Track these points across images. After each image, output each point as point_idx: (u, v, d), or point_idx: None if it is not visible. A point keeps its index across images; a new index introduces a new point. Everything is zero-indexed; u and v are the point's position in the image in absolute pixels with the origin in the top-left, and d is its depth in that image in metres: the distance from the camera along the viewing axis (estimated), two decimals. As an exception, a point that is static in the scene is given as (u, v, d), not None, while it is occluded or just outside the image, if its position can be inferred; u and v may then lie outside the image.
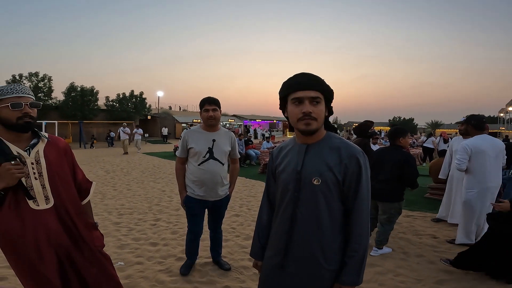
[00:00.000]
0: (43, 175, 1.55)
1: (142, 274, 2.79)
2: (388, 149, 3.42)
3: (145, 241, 3.63)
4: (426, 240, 3.81)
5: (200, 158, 2.55)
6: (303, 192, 1.25)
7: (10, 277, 2.57)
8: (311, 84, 1.19)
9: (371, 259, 3.22)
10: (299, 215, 1.26)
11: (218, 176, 2.58)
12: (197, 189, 2.59)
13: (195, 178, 2.58)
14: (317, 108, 1.19)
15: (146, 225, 4.20)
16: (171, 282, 2.66)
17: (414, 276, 2.88)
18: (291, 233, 1.28)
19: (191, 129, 2.67)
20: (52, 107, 23.91)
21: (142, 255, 3.21)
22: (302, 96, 1.19)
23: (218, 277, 2.77)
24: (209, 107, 2.52)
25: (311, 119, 1.18)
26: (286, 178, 1.30)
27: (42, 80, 24.02)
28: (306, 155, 1.26)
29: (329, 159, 1.21)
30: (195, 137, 2.59)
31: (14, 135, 1.52)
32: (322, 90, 1.20)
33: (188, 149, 2.60)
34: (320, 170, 1.21)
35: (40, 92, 23.72)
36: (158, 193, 6.26)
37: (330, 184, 1.21)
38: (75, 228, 1.63)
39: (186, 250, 2.88)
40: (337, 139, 1.26)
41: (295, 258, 1.28)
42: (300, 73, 1.24)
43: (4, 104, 1.45)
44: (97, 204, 5.17)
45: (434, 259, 3.24)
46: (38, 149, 1.56)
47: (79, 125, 20.07)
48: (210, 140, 2.57)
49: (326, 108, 1.25)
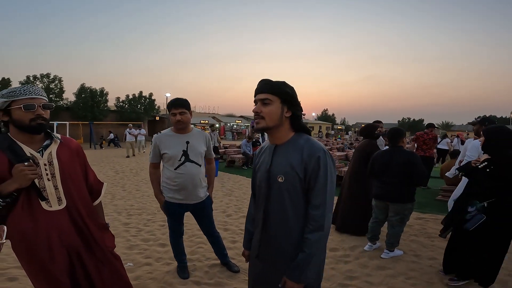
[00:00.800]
0: (55, 176, 1.55)
1: (150, 276, 2.79)
2: (392, 150, 3.36)
3: (154, 242, 3.64)
4: (439, 243, 3.73)
5: (175, 162, 2.48)
6: (272, 189, 1.37)
7: (21, 277, 2.59)
8: (263, 88, 1.34)
9: (382, 261, 3.17)
10: (270, 210, 1.39)
11: (196, 178, 2.53)
12: (177, 194, 2.53)
13: (174, 183, 2.51)
14: (266, 108, 1.33)
15: (155, 226, 4.22)
16: (179, 284, 2.66)
17: (426, 279, 2.83)
18: (265, 226, 1.42)
19: (162, 133, 2.58)
20: (63, 108, 24.32)
21: (151, 256, 3.22)
22: (256, 99, 1.36)
23: (226, 279, 2.76)
24: (176, 110, 2.43)
25: (259, 118, 1.34)
26: (259, 176, 1.45)
27: (53, 81, 24.48)
28: (274, 155, 1.39)
29: (293, 159, 1.32)
30: (167, 141, 2.50)
31: (27, 137, 1.52)
32: (273, 93, 1.32)
33: (161, 155, 2.53)
34: (284, 169, 1.33)
35: (51, 93, 24.17)
36: (166, 194, 6.29)
37: (293, 181, 1.31)
38: (86, 229, 1.64)
39: (174, 253, 2.83)
40: (302, 140, 1.36)
41: (268, 249, 1.42)
42: (261, 79, 1.38)
43: (17, 105, 1.45)
44: (107, 205, 5.22)
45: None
46: (51, 150, 1.56)
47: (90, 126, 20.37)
48: (183, 143, 2.50)
49: (289, 109, 1.36)
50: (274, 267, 1.41)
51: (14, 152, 1.45)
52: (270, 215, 1.40)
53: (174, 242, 2.80)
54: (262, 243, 1.44)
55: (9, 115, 1.47)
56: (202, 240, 3.68)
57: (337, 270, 2.97)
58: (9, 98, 1.44)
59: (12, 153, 1.45)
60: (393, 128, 3.53)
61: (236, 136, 34.68)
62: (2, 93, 1.47)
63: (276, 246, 1.39)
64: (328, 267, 3.02)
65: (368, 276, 2.86)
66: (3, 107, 1.46)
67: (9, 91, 1.45)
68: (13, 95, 1.44)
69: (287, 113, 1.36)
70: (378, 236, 3.51)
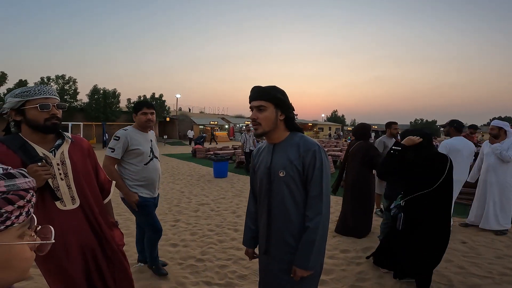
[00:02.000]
0: (68, 175, 1.56)
1: (162, 275, 2.80)
2: None
3: (165, 241, 3.66)
4: (454, 245, 3.64)
5: (146, 158, 2.57)
6: (273, 185, 1.47)
7: (36, 277, 2.64)
8: (256, 96, 1.45)
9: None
10: (273, 206, 1.49)
11: (160, 172, 2.74)
12: (146, 189, 2.59)
13: (143, 179, 2.56)
14: (261, 114, 1.44)
15: (167, 226, 4.25)
16: (191, 284, 2.67)
17: (444, 281, 2.77)
18: (270, 222, 1.51)
19: (128, 130, 2.58)
20: (77, 109, 24.87)
21: (163, 256, 3.24)
22: (251, 106, 1.48)
23: (237, 280, 2.75)
24: (148, 110, 2.60)
25: (256, 124, 1.46)
26: (260, 174, 1.54)
27: (68, 82, 25.06)
28: (273, 153, 1.50)
29: (291, 154, 1.44)
30: (137, 138, 2.56)
31: (40, 137, 1.51)
32: (267, 99, 1.43)
33: (130, 150, 2.51)
34: (284, 164, 1.44)
35: (66, 94, 24.75)
36: (177, 194, 6.34)
37: (293, 175, 1.43)
38: (99, 227, 1.65)
39: (153, 253, 2.76)
40: (297, 138, 1.49)
41: (274, 244, 1.50)
42: (253, 87, 1.48)
43: (32, 105, 1.43)
44: (119, 204, 5.27)
45: (463, 264, 3.12)
46: (63, 150, 1.56)
47: (102, 126, 20.74)
48: (149, 141, 2.66)
49: (282, 113, 1.47)
50: (281, 261, 1.49)
51: (26, 153, 1.45)
52: (272, 209, 1.49)
53: (155, 245, 2.77)
54: (269, 238, 1.52)
55: (23, 114, 1.45)
56: (213, 241, 3.69)
57: (349, 272, 2.93)
58: (24, 97, 1.42)
59: (25, 154, 1.44)
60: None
61: (246, 137, 34.65)
62: (16, 92, 1.45)
63: (280, 239, 1.47)
64: (339, 269, 2.98)
65: (380, 278, 2.81)
66: (16, 107, 1.44)
67: (23, 91, 1.44)
68: (27, 94, 1.43)
69: (281, 116, 1.47)
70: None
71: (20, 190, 0.57)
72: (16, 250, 0.57)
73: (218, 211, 5.04)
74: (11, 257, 0.56)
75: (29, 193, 0.60)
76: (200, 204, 5.52)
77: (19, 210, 0.57)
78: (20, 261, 0.57)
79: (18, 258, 0.57)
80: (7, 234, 0.56)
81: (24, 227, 0.60)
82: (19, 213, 0.57)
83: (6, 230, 0.55)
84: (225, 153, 12.11)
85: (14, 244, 0.56)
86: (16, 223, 0.56)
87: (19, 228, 0.58)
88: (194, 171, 9.99)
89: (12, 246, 0.56)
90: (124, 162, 2.55)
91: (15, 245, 0.57)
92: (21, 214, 0.57)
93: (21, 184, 0.58)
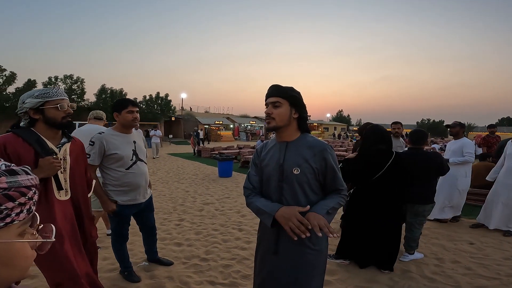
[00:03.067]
0: (66, 170, 1.78)
1: (166, 275, 2.82)
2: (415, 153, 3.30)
3: (170, 241, 3.68)
4: (462, 246, 3.60)
5: (127, 162, 2.44)
6: (285, 181, 1.50)
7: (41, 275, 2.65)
8: (274, 92, 1.52)
9: (403, 264, 3.07)
10: (284, 203, 1.49)
11: (147, 175, 2.63)
12: (128, 195, 2.48)
13: (125, 184, 2.44)
14: (276, 110, 1.50)
15: (171, 225, 4.26)
16: (194, 283, 2.67)
17: (451, 283, 2.74)
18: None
19: (105, 133, 2.42)
20: (85, 108, 25.09)
21: (167, 255, 3.25)
22: (267, 102, 1.53)
23: (241, 279, 2.75)
24: (133, 108, 2.46)
25: (270, 119, 1.51)
26: (270, 171, 1.55)
27: (75, 82, 25.31)
28: (286, 151, 1.53)
29: (305, 153, 1.50)
30: (115, 141, 2.41)
31: (53, 133, 1.72)
32: (283, 96, 1.50)
33: (107, 156, 2.38)
34: (299, 162, 1.49)
35: (73, 94, 25.00)
36: (182, 194, 6.36)
37: (307, 173, 1.48)
38: (81, 218, 1.88)
39: (121, 259, 2.71)
40: (310, 138, 1.56)
41: (285, 244, 1.50)
42: (271, 85, 1.54)
43: (52, 105, 1.66)
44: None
45: (470, 265, 3.08)
46: (66, 147, 1.78)
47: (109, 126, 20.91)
48: (131, 143, 2.50)
49: (296, 111, 1.53)
50: (293, 261, 1.49)
51: (41, 145, 1.64)
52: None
53: (121, 247, 2.68)
54: (279, 237, 1.52)
55: (42, 113, 1.65)
56: (217, 240, 3.69)
57: (355, 273, 2.90)
58: (44, 98, 1.64)
59: (40, 146, 1.63)
60: (417, 130, 3.48)
61: (250, 136, 34.66)
62: (35, 94, 1.64)
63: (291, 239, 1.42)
64: (344, 270, 2.96)
65: (389, 280, 2.78)
66: (36, 106, 1.63)
67: (43, 92, 1.65)
68: (47, 96, 1.64)
69: (295, 114, 1.53)
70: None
71: (21, 187, 0.57)
72: (16, 248, 0.56)
73: (223, 211, 5.05)
74: (11, 255, 0.55)
75: (31, 191, 0.59)
76: (204, 203, 5.53)
77: (20, 207, 0.56)
78: (20, 260, 0.57)
79: (18, 256, 0.56)
80: (7, 232, 0.55)
81: (25, 225, 0.59)
82: (19, 210, 0.56)
83: (6, 227, 0.54)
84: (230, 152, 12.11)
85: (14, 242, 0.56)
86: (16, 220, 0.56)
87: (20, 226, 0.57)
88: (199, 170, 10.01)
89: (12, 244, 0.55)
90: (105, 167, 2.43)
91: (15, 243, 0.56)
92: (22, 211, 0.56)
93: (23, 181, 0.57)
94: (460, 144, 4.34)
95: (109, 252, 3.21)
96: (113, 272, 2.81)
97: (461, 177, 4.32)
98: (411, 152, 3.31)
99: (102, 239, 3.64)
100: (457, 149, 4.33)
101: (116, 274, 2.76)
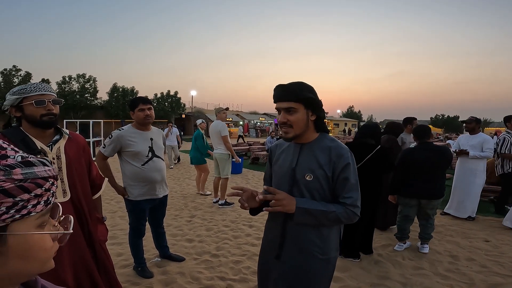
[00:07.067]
0: (62, 170, 1.64)
1: (178, 270, 2.86)
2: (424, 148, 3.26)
3: (182, 237, 3.72)
4: (477, 243, 3.52)
5: (143, 158, 2.51)
6: (296, 187, 1.36)
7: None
8: (283, 96, 1.31)
9: (417, 262, 3.04)
10: None
11: (163, 172, 2.66)
12: (145, 190, 2.55)
13: (141, 179, 2.52)
14: (292, 116, 1.31)
15: (182, 222, 4.31)
16: (205, 279, 2.70)
17: (464, 280, 2.69)
18: (285, 226, 1.39)
19: (124, 129, 2.53)
20: (97, 107, 25.53)
21: (179, 251, 3.29)
22: (278, 107, 1.35)
23: (251, 275, 2.76)
24: (145, 106, 2.50)
25: (287, 127, 1.33)
26: (280, 174, 1.43)
27: (88, 81, 25.75)
28: (300, 154, 1.38)
29: (320, 158, 1.33)
30: (132, 138, 2.50)
31: (39, 131, 1.59)
32: (297, 100, 1.29)
33: (124, 151, 2.50)
34: (312, 167, 1.33)
35: (86, 92, 25.44)
36: (193, 190, 6.42)
37: (321, 180, 1.32)
38: (86, 221, 1.72)
39: (136, 253, 2.76)
40: (328, 140, 1.38)
41: (290, 250, 1.38)
42: (277, 85, 1.34)
43: (29, 101, 1.52)
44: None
45: (485, 263, 3.03)
46: (59, 145, 1.65)
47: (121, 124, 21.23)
48: (148, 139, 2.56)
49: (313, 113, 1.35)
50: (299, 266, 1.36)
51: (26, 145, 1.52)
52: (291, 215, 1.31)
53: (137, 242, 2.75)
54: (283, 242, 1.39)
55: (22, 111, 1.54)
56: (228, 236, 3.72)
57: (368, 270, 2.88)
58: (21, 95, 1.52)
59: (25, 146, 1.52)
60: (420, 125, 3.47)
61: (260, 133, 34.61)
62: (14, 90, 1.55)
63: (296, 246, 1.36)
64: (358, 267, 2.94)
65: (401, 277, 2.75)
66: (15, 104, 1.54)
67: (20, 89, 1.53)
68: (24, 92, 1.52)
69: (312, 116, 1.36)
70: (408, 235, 3.40)
71: (38, 178, 0.55)
72: (34, 240, 0.55)
73: (233, 207, 5.07)
74: (29, 247, 0.54)
75: (48, 182, 0.57)
76: (215, 200, 5.57)
77: (36, 199, 0.55)
78: (39, 251, 0.56)
79: (37, 249, 0.55)
80: (24, 224, 0.54)
81: (44, 217, 0.57)
82: (36, 201, 0.55)
83: (22, 219, 0.53)
84: (240, 149, 12.12)
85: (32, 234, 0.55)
86: (33, 212, 0.54)
87: (38, 217, 0.56)
88: (210, 167, 10.05)
89: (30, 236, 0.54)
90: (124, 160, 2.55)
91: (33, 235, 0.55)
92: (39, 203, 0.55)
93: (40, 172, 0.56)
94: (480, 139, 4.31)
95: (123, 248, 3.28)
96: (127, 268, 2.87)
97: (480, 172, 4.31)
98: (422, 147, 3.27)
99: (117, 235, 3.71)
100: (476, 144, 4.30)
101: (130, 270, 2.81)
